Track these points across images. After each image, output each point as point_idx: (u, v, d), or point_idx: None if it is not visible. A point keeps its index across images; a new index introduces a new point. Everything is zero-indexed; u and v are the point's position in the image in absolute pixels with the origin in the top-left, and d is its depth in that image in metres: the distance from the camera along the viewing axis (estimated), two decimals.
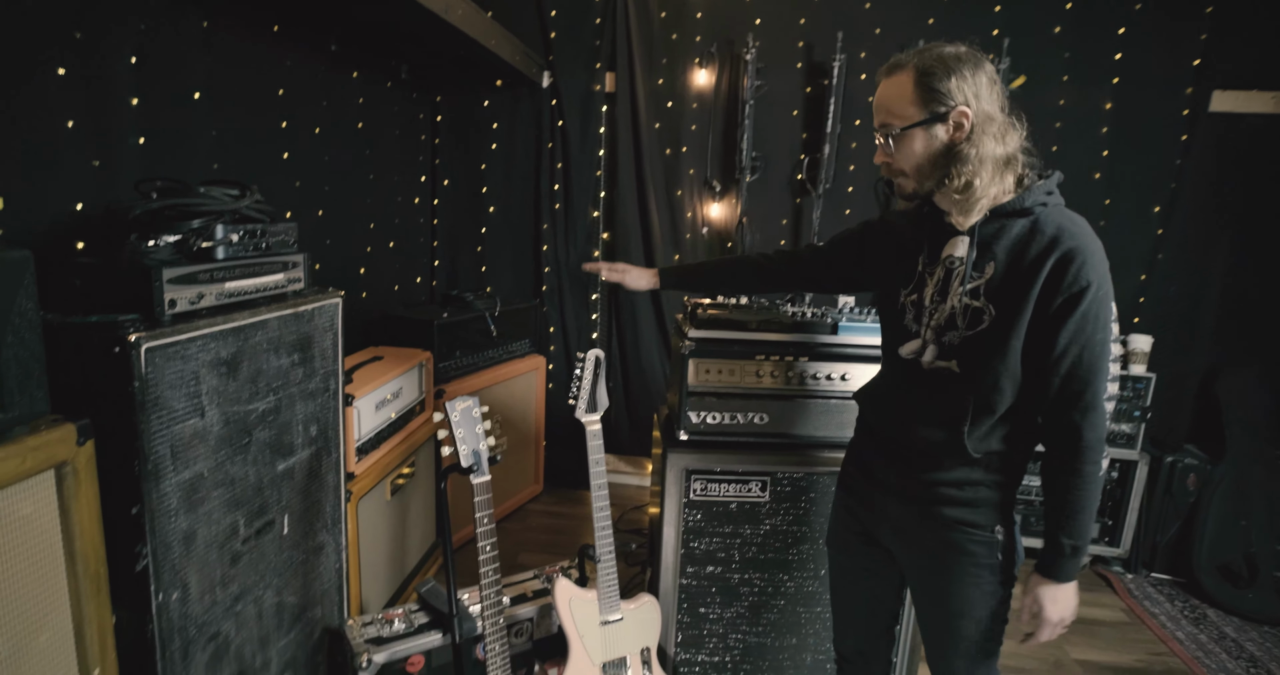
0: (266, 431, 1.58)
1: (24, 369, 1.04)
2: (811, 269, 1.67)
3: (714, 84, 3.40)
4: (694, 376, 1.85)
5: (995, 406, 1.27)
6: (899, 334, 1.40)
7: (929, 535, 1.38)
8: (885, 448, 1.45)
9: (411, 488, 2.53)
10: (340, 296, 1.82)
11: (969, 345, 1.28)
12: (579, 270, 3.64)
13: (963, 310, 1.28)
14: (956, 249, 1.29)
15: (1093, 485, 1.23)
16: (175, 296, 1.33)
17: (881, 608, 1.59)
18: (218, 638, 1.47)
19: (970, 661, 1.40)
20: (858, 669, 1.67)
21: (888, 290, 1.44)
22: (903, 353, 1.38)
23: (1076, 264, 1.18)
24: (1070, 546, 1.25)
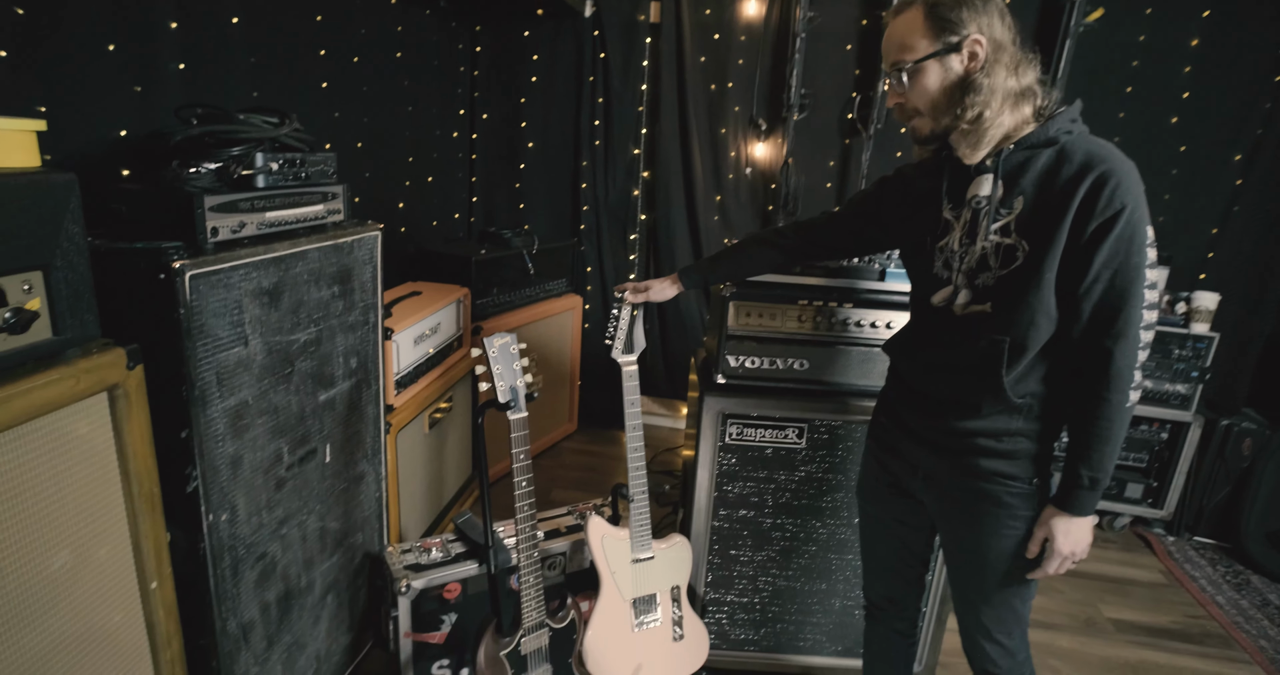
0: (308, 362, 1.60)
1: (74, 293, 1.05)
2: (832, 237, 1.63)
3: (764, 15, 3.24)
4: (734, 320, 1.82)
5: (1030, 344, 1.23)
6: (929, 283, 1.36)
7: (963, 486, 1.36)
8: (918, 398, 1.42)
9: (449, 422, 2.57)
10: (380, 230, 1.81)
11: (1003, 285, 1.24)
12: (618, 209, 3.58)
13: (994, 250, 1.25)
14: (981, 188, 1.26)
15: (1119, 415, 1.20)
16: (217, 225, 1.33)
17: (912, 557, 1.59)
18: (265, 558, 1.53)
19: (999, 615, 1.39)
20: (887, 616, 1.67)
21: (913, 242, 1.40)
22: (935, 301, 1.35)
23: (1110, 187, 1.13)
24: (1089, 478, 1.22)
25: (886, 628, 1.68)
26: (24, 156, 1.06)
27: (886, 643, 1.70)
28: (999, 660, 1.42)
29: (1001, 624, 1.39)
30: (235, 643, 1.46)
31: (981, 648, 1.43)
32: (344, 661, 1.94)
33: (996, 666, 1.42)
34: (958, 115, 1.22)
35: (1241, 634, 2.43)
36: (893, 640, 1.69)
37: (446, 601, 1.82)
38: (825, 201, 3.41)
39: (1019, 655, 1.42)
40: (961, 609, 1.45)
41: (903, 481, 1.48)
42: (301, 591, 1.68)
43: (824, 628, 2.04)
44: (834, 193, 3.41)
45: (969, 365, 1.29)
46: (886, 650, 1.71)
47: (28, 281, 0.98)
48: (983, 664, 1.44)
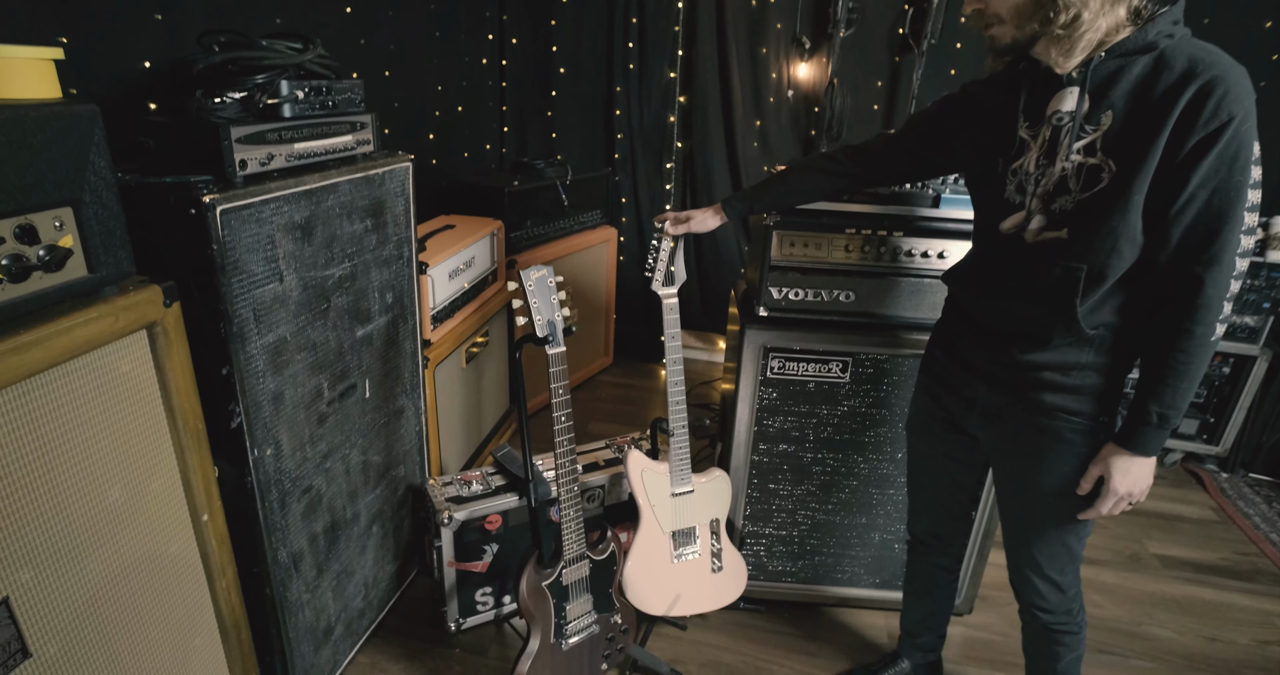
0: (344, 298, 1.58)
1: (106, 229, 1.03)
2: (888, 161, 1.51)
3: None
4: (777, 250, 1.75)
5: (1110, 272, 1.14)
6: (998, 209, 1.26)
7: (1023, 423, 1.30)
8: (980, 331, 1.34)
9: (485, 356, 2.57)
10: (411, 161, 1.76)
11: (1083, 209, 1.14)
12: (653, 136, 3.45)
13: (1075, 171, 1.14)
14: (1064, 103, 1.14)
15: (1201, 350, 1.11)
16: (245, 157, 1.29)
17: (960, 494, 1.55)
18: (311, 491, 1.56)
19: (1052, 552, 1.36)
20: (931, 551, 1.66)
21: (982, 165, 1.29)
22: (1004, 228, 1.25)
23: (1217, 96, 1.01)
24: (1158, 415, 1.15)
25: (930, 563, 1.67)
26: (44, 87, 1.03)
27: (929, 577, 1.70)
28: (1048, 595, 1.40)
29: (1054, 560, 1.36)
30: (286, 571, 1.51)
31: (1031, 583, 1.41)
32: (391, 588, 2.01)
33: (1045, 601, 1.41)
34: (1048, 19, 1.08)
35: None
36: (936, 575, 1.68)
37: (488, 532, 1.86)
38: (872, 125, 3.24)
39: (1069, 590, 1.39)
40: (1012, 544, 1.43)
41: (957, 417, 1.43)
42: (347, 522, 1.72)
43: (862, 561, 2.04)
44: (882, 116, 3.23)
45: (1039, 295, 1.21)
46: (929, 585, 1.71)
47: (58, 218, 0.96)
48: (1031, 598, 1.43)
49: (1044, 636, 1.46)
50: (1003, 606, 2.17)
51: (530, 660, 1.55)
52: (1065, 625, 1.43)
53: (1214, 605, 2.23)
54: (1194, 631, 2.12)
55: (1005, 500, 1.42)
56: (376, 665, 1.86)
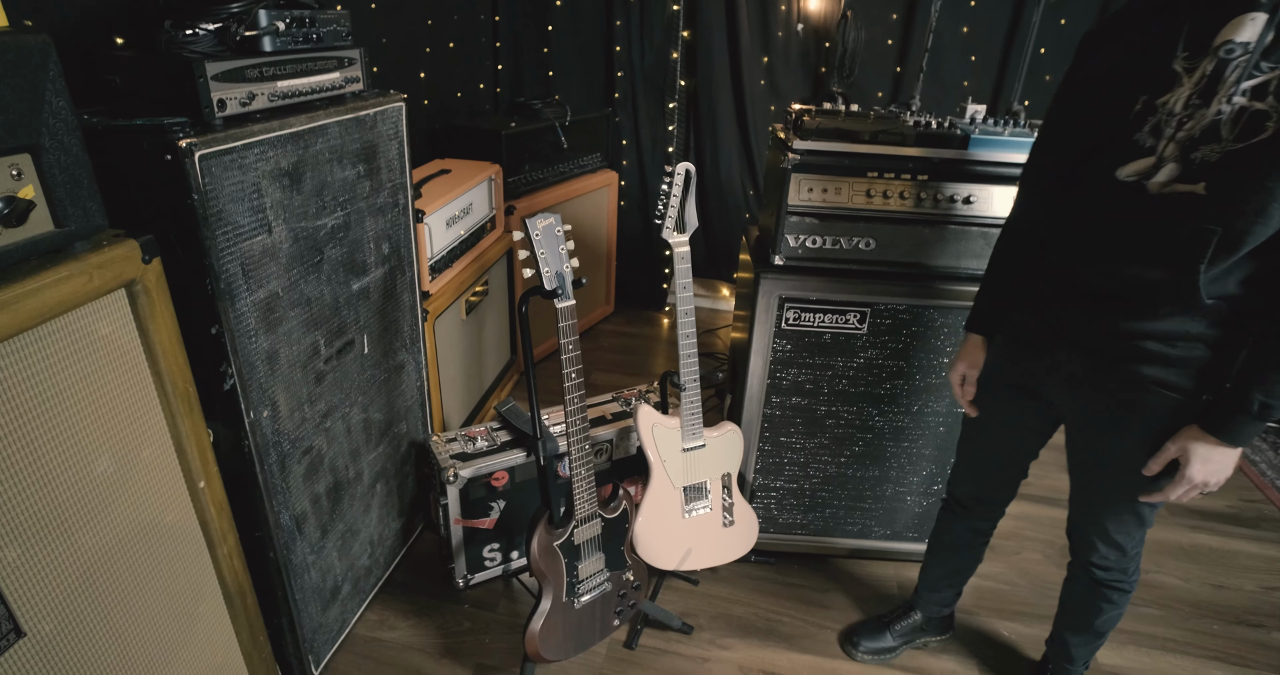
0: (337, 249, 1.49)
1: (71, 177, 0.93)
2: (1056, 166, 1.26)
3: None
4: (795, 195, 1.65)
5: (1250, 238, 0.99)
6: (1121, 151, 1.09)
7: (1113, 393, 1.19)
8: (1076, 291, 1.20)
9: (486, 307, 2.49)
10: (404, 100, 1.64)
11: (1232, 161, 0.98)
12: (655, 74, 3.28)
13: (1234, 116, 0.98)
14: (1241, 31, 0.97)
15: None
16: (224, 96, 1.18)
17: (1017, 461, 1.48)
18: (311, 451, 1.50)
19: (1122, 519, 1.31)
20: (970, 514, 1.61)
21: (1114, 98, 1.11)
22: (1122, 174, 1.09)
23: None
24: (1260, 404, 1.04)
25: (964, 525, 1.63)
26: None
27: (960, 538, 1.65)
28: (1108, 555, 1.36)
29: (1122, 526, 1.31)
30: (290, 534, 1.47)
31: (1094, 545, 1.37)
32: (397, 545, 1.98)
33: (1104, 560, 1.37)
34: None
35: None
36: (967, 537, 1.64)
37: (494, 489, 1.82)
38: (886, 61, 3.08)
39: (1131, 551, 1.36)
40: (1079, 506, 1.38)
41: (1034, 382, 1.32)
42: (350, 482, 1.67)
43: (874, 513, 2.01)
44: (895, 50, 3.06)
45: (1155, 256, 1.08)
46: (957, 545, 1.67)
47: (15, 166, 0.86)
48: (1088, 556, 1.39)
49: (1091, 590, 1.43)
50: (1010, 556, 2.16)
51: (543, 619, 1.53)
52: (1119, 582, 1.40)
53: (1220, 552, 2.23)
54: (1200, 579, 2.12)
55: (1079, 466, 1.35)
56: (385, 622, 1.85)
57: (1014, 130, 1.60)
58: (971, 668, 1.79)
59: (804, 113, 1.69)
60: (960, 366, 1.48)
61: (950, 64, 3.03)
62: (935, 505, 1.98)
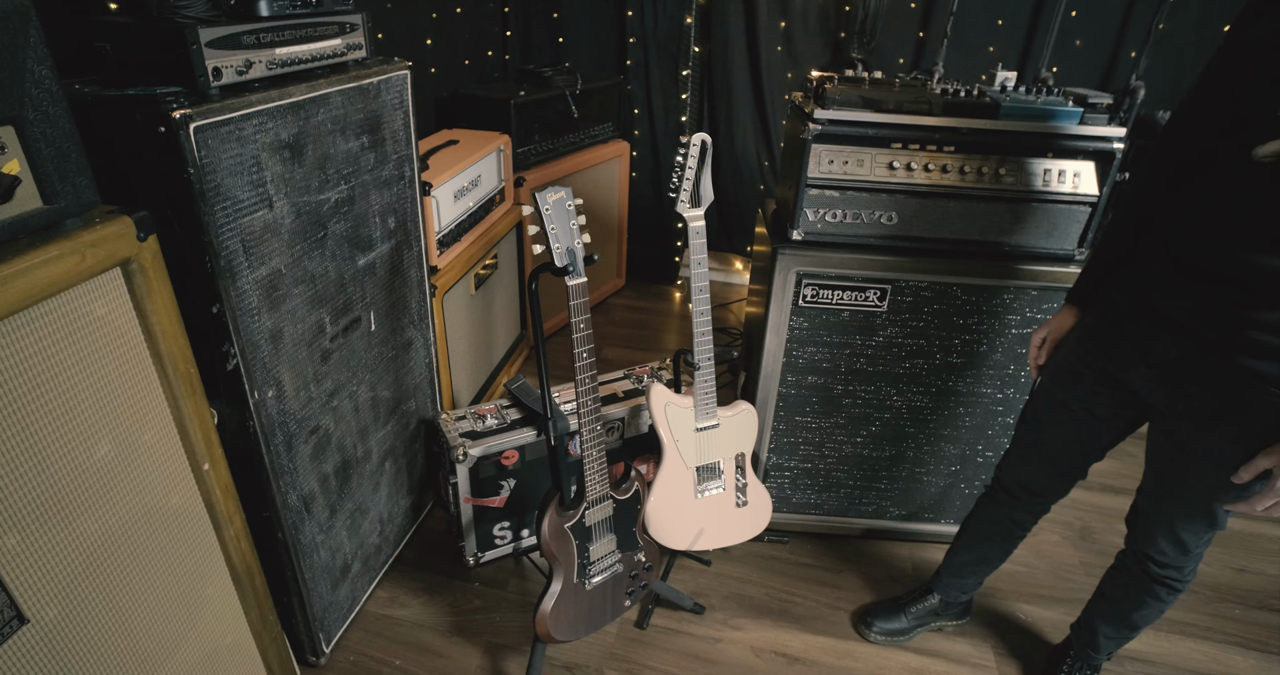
0: (342, 224, 1.45)
1: (58, 151, 0.89)
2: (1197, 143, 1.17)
3: None
4: (815, 167, 1.59)
5: None
6: (1261, 129, 1.01)
7: (1213, 387, 1.12)
8: (1188, 274, 1.13)
9: (495, 281, 2.44)
10: (408, 68, 1.58)
11: None
12: (668, 40, 3.17)
13: None
14: None
15: None
16: (219, 64, 1.13)
17: (1084, 454, 1.40)
18: (318, 431, 1.48)
19: (1191, 519, 1.25)
20: (1016, 503, 1.54)
21: (1263, 71, 1.03)
22: (1260, 154, 1.00)
23: None
24: None
25: (1006, 514, 1.57)
26: None
27: (998, 527, 1.60)
28: (1168, 551, 1.31)
29: (1192, 524, 1.26)
30: (298, 514, 1.45)
31: (1155, 538, 1.32)
32: (407, 523, 1.97)
33: (1163, 556, 1.32)
34: None
35: None
36: (1006, 527, 1.59)
37: (504, 468, 1.79)
38: (908, 25, 2.96)
39: (1194, 550, 1.30)
40: (1150, 499, 1.31)
41: (1119, 369, 1.25)
42: (359, 461, 1.65)
43: (889, 493, 1.98)
44: (918, 13, 2.95)
45: (1273, 242, 1.01)
46: (994, 534, 1.62)
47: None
48: (1146, 548, 1.35)
49: (1140, 582, 1.38)
50: (1030, 537, 2.12)
51: (554, 600, 1.51)
52: (1173, 580, 1.35)
53: (1242, 535, 2.19)
54: (1222, 562, 2.08)
55: (1160, 457, 1.27)
56: (396, 600, 1.84)
57: (1047, 98, 1.52)
58: (987, 651, 1.77)
59: (825, 80, 1.61)
60: (1044, 330, 1.41)
61: (976, 29, 2.90)
62: (953, 487, 1.94)
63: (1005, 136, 1.52)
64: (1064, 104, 1.50)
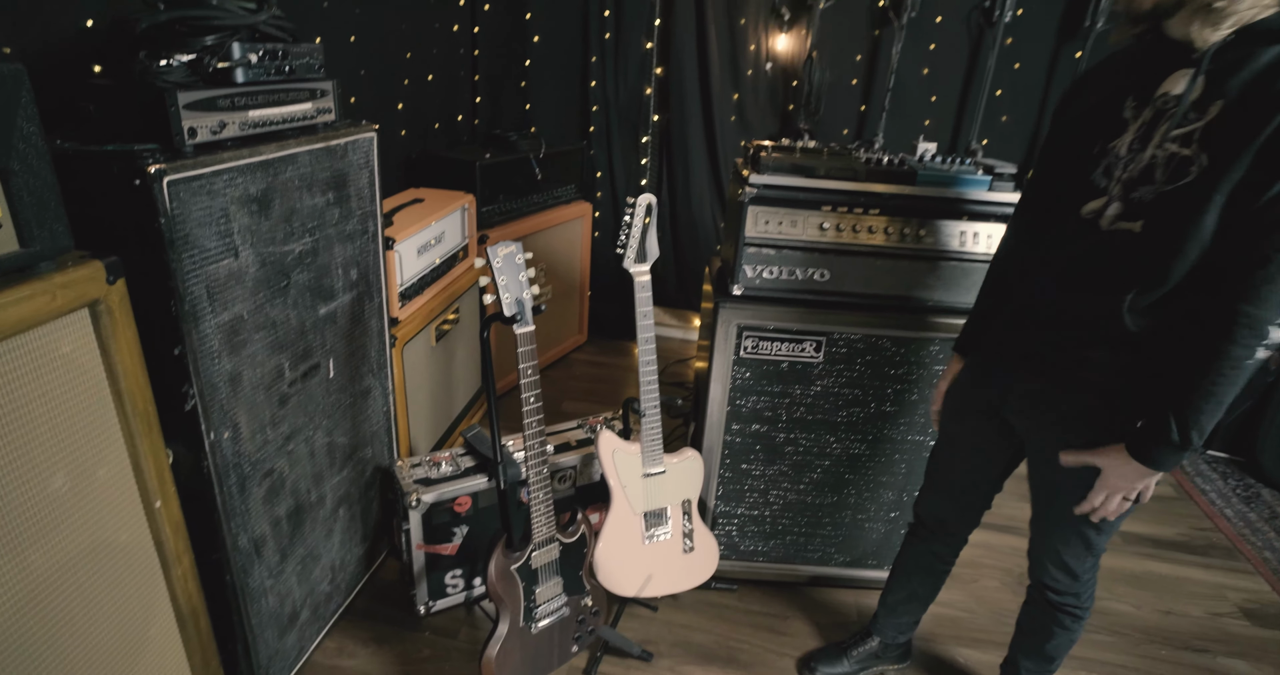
0: (305, 274, 1.52)
1: (38, 200, 0.96)
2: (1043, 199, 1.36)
3: None
4: (753, 227, 1.71)
5: (1170, 275, 1.08)
6: (1081, 190, 1.19)
7: (1061, 417, 1.26)
8: (1032, 314, 1.29)
9: (456, 334, 2.52)
10: (375, 131, 1.69)
11: (1162, 203, 1.07)
12: (629, 109, 3.37)
13: (1165, 161, 1.07)
14: (1175, 86, 1.07)
15: (1236, 372, 1.04)
16: (195, 125, 1.22)
17: (979, 484, 1.52)
18: (273, 474, 1.51)
19: (1068, 543, 1.35)
20: (932, 536, 1.64)
21: (1080, 142, 1.22)
22: (1084, 212, 1.18)
23: None
24: (1178, 433, 1.08)
25: (926, 548, 1.66)
26: None
27: (921, 562, 1.69)
28: (1060, 579, 1.41)
29: (1069, 548, 1.36)
30: (248, 557, 1.47)
31: (1045, 566, 1.42)
32: (359, 571, 1.97)
33: (1056, 583, 1.42)
34: None
35: (1247, 546, 2.44)
36: (928, 560, 1.68)
37: (458, 514, 1.83)
38: (850, 99, 3.20)
39: (1083, 577, 1.40)
40: (1034, 527, 1.43)
41: (997, 404, 1.38)
42: (313, 505, 1.68)
43: (833, 540, 2.04)
44: (860, 90, 3.19)
45: (1096, 286, 1.17)
46: (918, 569, 1.70)
47: None
48: (1041, 577, 1.44)
49: (1045, 612, 1.47)
50: (969, 583, 2.20)
51: (499, 644, 1.54)
52: (1072, 607, 1.44)
53: (1170, 579, 2.29)
54: (1151, 605, 2.17)
55: (1034, 488, 1.40)
56: (344, 650, 1.83)
57: (959, 168, 1.68)
58: None
59: (761, 149, 1.76)
60: (943, 384, 1.56)
61: (912, 103, 3.15)
62: (894, 532, 2.01)
63: (922, 201, 1.66)
64: (974, 172, 1.66)
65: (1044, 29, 2.94)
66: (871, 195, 1.67)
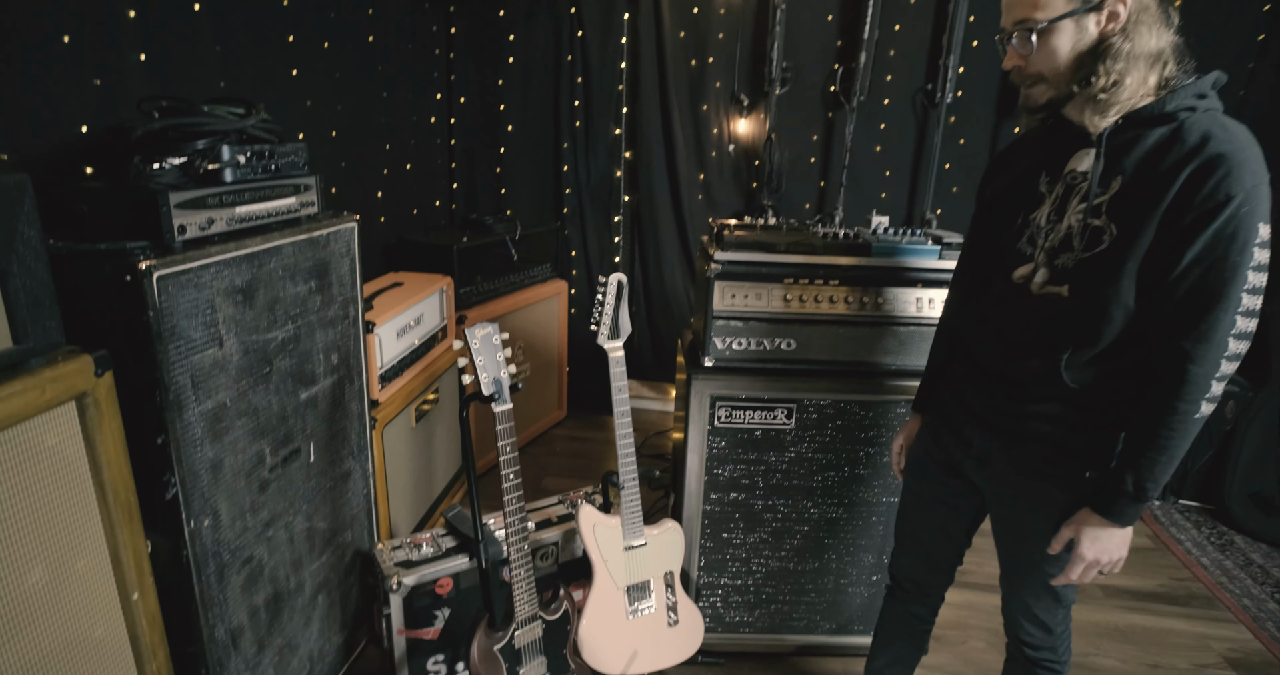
0: (287, 360, 1.56)
1: (34, 299, 1.01)
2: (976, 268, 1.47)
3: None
4: (720, 301, 1.79)
5: (1101, 336, 1.16)
6: (1011, 258, 1.29)
7: (1015, 471, 1.32)
8: (981, 375, 1.36)
9: (436, 414, 2.54)
10: (356, 221, 1.77)
11: (1082, 269, 1.17)
12: (600, 191, 3.52)
13: (1080, 230, 1.16)
14: (1080, 163, 1.19)
15: (1184, 426, 1.10)
16: (184, 222, 1.28)
17: (948, 541, 1.55)
18: (251, 562, 1.51)
19: (1038, 598, 1.38)
20: (908, 597, 1.66)
21: (1006, 213, 1.32)
22: (1015, 277, 1.28)
23: (1219, 174, 1.02)
24: (1135, 486, 1.14)
25: (904, 609, 1.67)
26: None
27: (901, 623, 1.69)
28: (1035, 633, 1.42)
29: (1040, 603, 1.38)
30: (224, 649, 1.44)
31: (1019, 623, 1.44)
32: (338, 660, 1.93)
33: (1032, 638, 1.43)
34: (1088, 82, 1.11)
35: (1225, 594, 2.46)
36: (908, 622, 1.68)
37: (439, 597, 1.81)
38: (810, 177, 3.38)
39: (1057, 630, 1.41)
40: (1004, 583, 1.45)
41: (956, 460, 1.43)
42: (291, 593, 1.66)
43: (818, 606, 2.04)
44: (819, 168, 3.37)
45: (1034, 347, 1.24)
46: (899, 631, 1.71)
47: None
48: (1017, 633, 1.46)
49: (1026, 669, 1.47)
50: (956, 645, 2.19)
51: None
52: (1050, 662, 1.45)
53: (1154, 632, 2.29)
54: (1137, 659, 2.17)
55: (999, 543, 1.43)
56: None
57: (910, 239, 1.79)
58: None
59: (724, 227, 1.86)
60: (900, 438, 1.62)
61: (868, 178, 3.33)
62: (877, 595, 2.02)
63: (877, 271, 1.76)
64: (924, 243, 1.76)
65: (983, 108, 3.17)
66: (830, 267, 1.77)
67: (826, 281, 1.78)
